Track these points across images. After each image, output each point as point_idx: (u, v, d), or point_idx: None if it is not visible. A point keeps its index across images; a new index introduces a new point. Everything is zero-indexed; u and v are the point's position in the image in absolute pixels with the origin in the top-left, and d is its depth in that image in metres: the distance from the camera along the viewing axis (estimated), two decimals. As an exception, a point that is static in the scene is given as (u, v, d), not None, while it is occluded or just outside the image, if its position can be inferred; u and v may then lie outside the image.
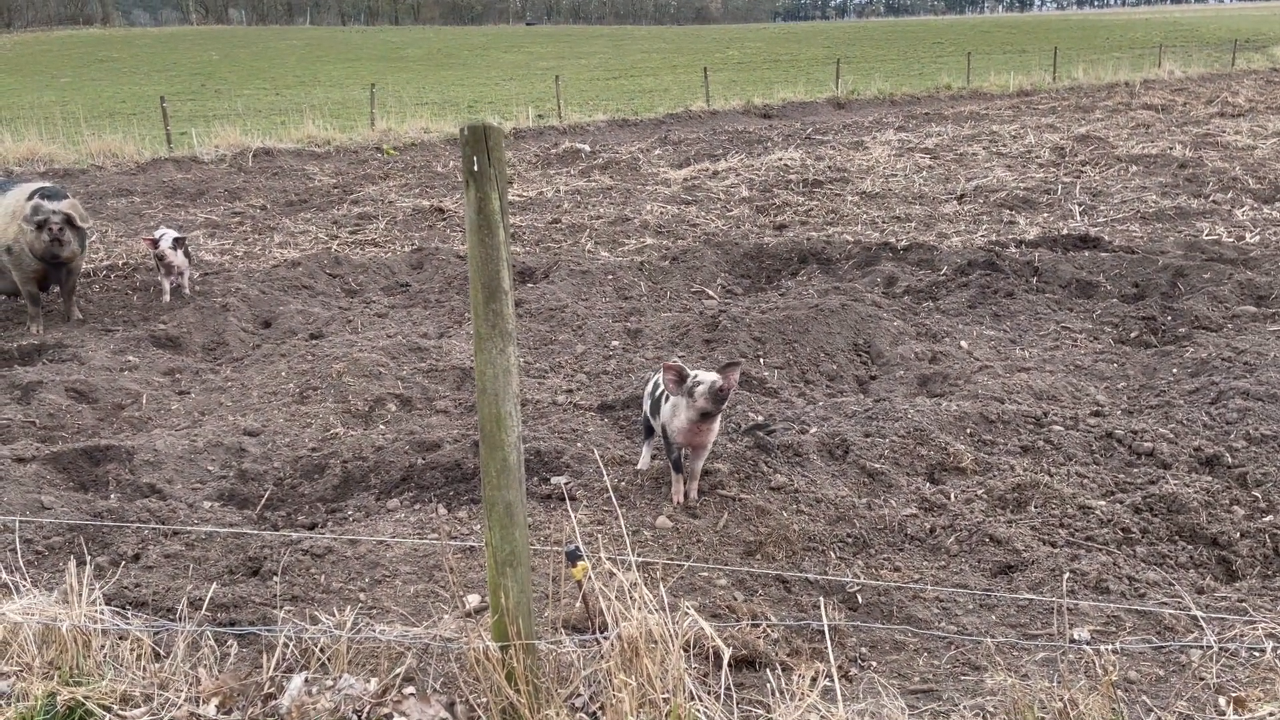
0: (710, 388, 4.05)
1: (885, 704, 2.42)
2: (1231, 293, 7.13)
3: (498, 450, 2.27)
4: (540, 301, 7.75)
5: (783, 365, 6.46)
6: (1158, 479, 4.50)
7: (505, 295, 2.23)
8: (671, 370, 4.10)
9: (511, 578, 2.31)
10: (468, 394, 6.04)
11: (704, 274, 8.68)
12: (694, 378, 4.10)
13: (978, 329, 6.96)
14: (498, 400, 2.27)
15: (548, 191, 13.25)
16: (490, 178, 2.21)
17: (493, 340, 2.24)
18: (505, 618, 2.29)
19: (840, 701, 2.42)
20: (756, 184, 12.93)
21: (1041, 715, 2.28)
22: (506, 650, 2.29)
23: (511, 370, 2.27)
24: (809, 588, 3.90)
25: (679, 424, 4.17)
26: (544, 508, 4.39)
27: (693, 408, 4.08)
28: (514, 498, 2.30)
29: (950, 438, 4.93)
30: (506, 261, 2.25)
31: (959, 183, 12.24)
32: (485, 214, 2.22)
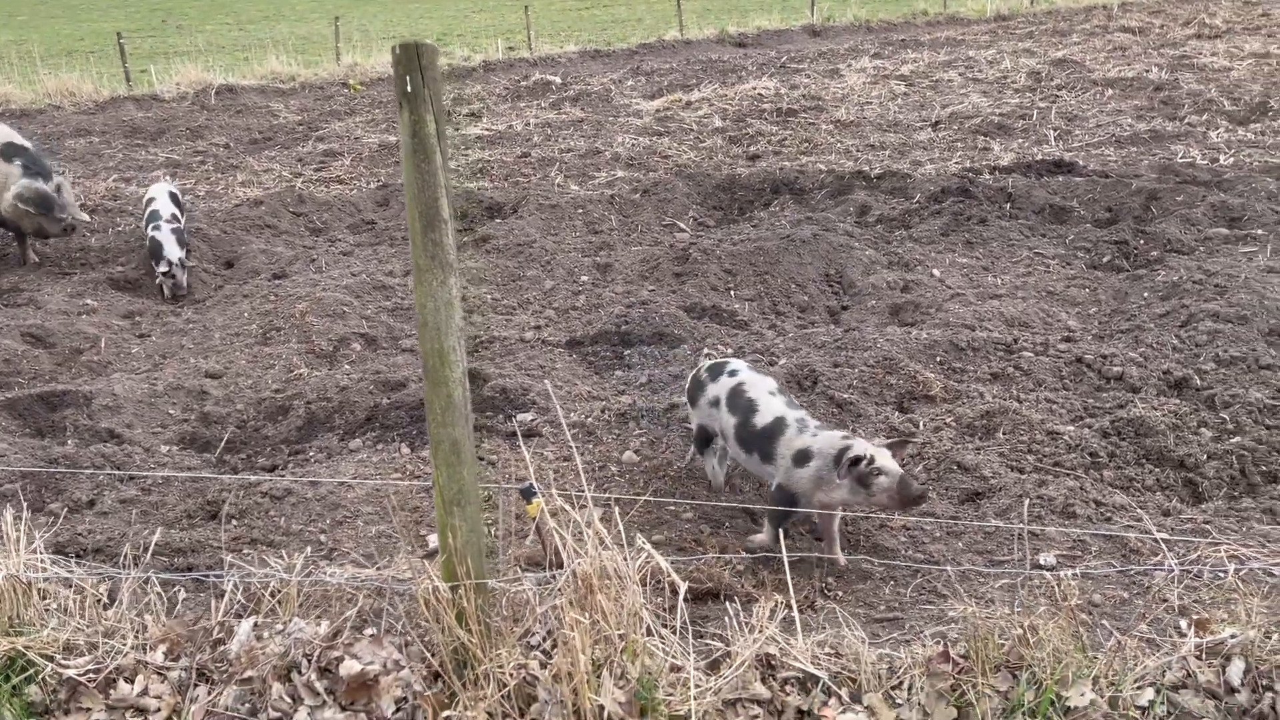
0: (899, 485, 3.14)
1: (845, 634, 2.40)
2: (1204, 215, 7.07)
3: (441, 386, 2.20)
4: (508, 237, 7.61)
5: (754, 297, 6.38)
6: (1126, 403, 4.49)
7: (444, 224, 2.13)
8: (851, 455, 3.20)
9: (460, 517, 2.25)
10: (434, 332, 5.95)
11: (675, 206, 8.54)
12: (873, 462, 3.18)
13: (950, 257, 6.89)
14: (440, 334, 2.18)
15: (517, 125, 12.98)
16: (425, 99, 2.09)
17: (432, 272, 2.15)
18: (454, 557, 2.24)
19: (799, 632, 2.39)
20: (730, 114, 12.70)
21: (1002, 642, 2.27)
22: (456, 590, 2.24)
23: (454, 303, 2.19)
24: (776, 519, 3.88)
25: (831, 498, 3.32)
26: (510, 445, 4.33)
27: (863, 496, 3.23)
28: (460, 435, 2.23)
29: (920, 366, 4.89)
30: (445, 188, 2.15)
31: (934, 110, 12.07)
32: (420, 138, 2.11)
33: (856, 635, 2.39)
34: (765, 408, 3.54)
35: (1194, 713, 2.15)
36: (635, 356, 5.42)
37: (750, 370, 3.76)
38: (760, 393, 3.61)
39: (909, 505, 3.24)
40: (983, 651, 2.24)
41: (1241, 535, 3.18)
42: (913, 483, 3.20)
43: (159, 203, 7.51)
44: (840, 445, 3.31)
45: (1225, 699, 2.19)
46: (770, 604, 2.35)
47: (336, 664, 2.28)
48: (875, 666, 2.30)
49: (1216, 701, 2.19)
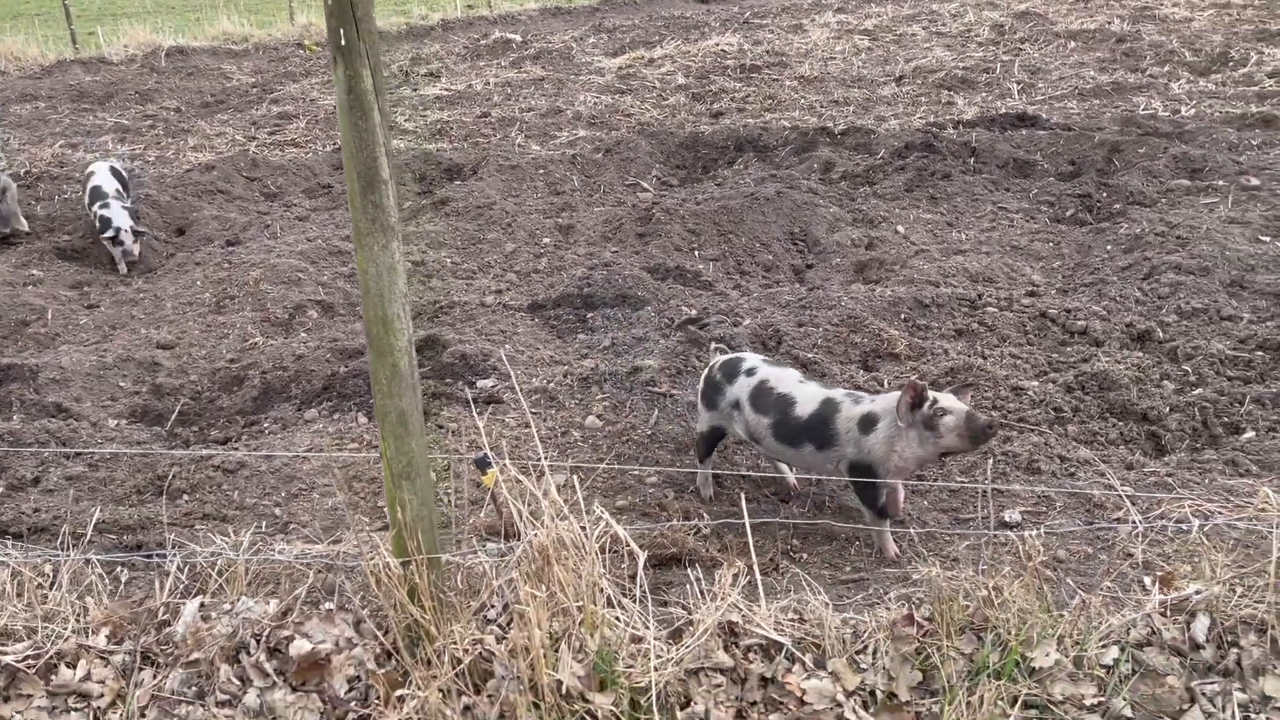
0: (966, 421, 3.07)
1: (809, 599, 2.36)
2: (1166, 167, 7.06)
3: (386, 356, 2.11)
4: (468, 199, 7.46)
5: (718, 257, 6.31)
6: (1090, 357, 4.47)
7: (385, 185, 2.03)
8: (911, 390, 3.11)
9: (409, 490, 2.18)
10: (392, 298, 5.82)
11: (638, 165, 8.41)
12: (936, 402, 3.11)
13: (914, 212, 6.84)
14: (383, 301, 2.09)
15: (477, 84, 12.73)
16: (360, 52, 1.98)
17: (374, 235, 2.06)
18: (404, 532, 2.17)
19: (763, 598, 2.34)
20: (693, 71, 12.53)
21: (966, 604, 2.24)
22: (408, 566, 2.17)
23: (397, 268, 2.09)
24: (742, 481, 3.84)
25: (905, 456, 3.16)
26: (470, 412, 4.25)
27: (932, 442, 3.11)
28: (407, 405, 2.15)
29: (884, 324, 4.84)
30: (385, 147, 2.05)
31: (898, 64, 11.97)
32: (357, 94, 2.00)
33: (820, 600, 2.35)
34: (803, 396, 3.37)
35: (1159, 670, 2.14)
36: (598, 319, 5.34)
37: (769, 365, 3.55)
38: (790, 385, 3.42)
39: (980, 440, 3.10)
40: (947, 614, 2.21)
41: (1205, 489, 3.17)
42: (979, 415, 3.10)
43: (99, 178, 7.16)
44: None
45: (1190, 655, 2.18)
46: (733, 570, 2.30)
47: (286, 644, 2.21)
48: (839, 631, 2.27)
49: (1181, 658, 2.17)
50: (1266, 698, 2.08)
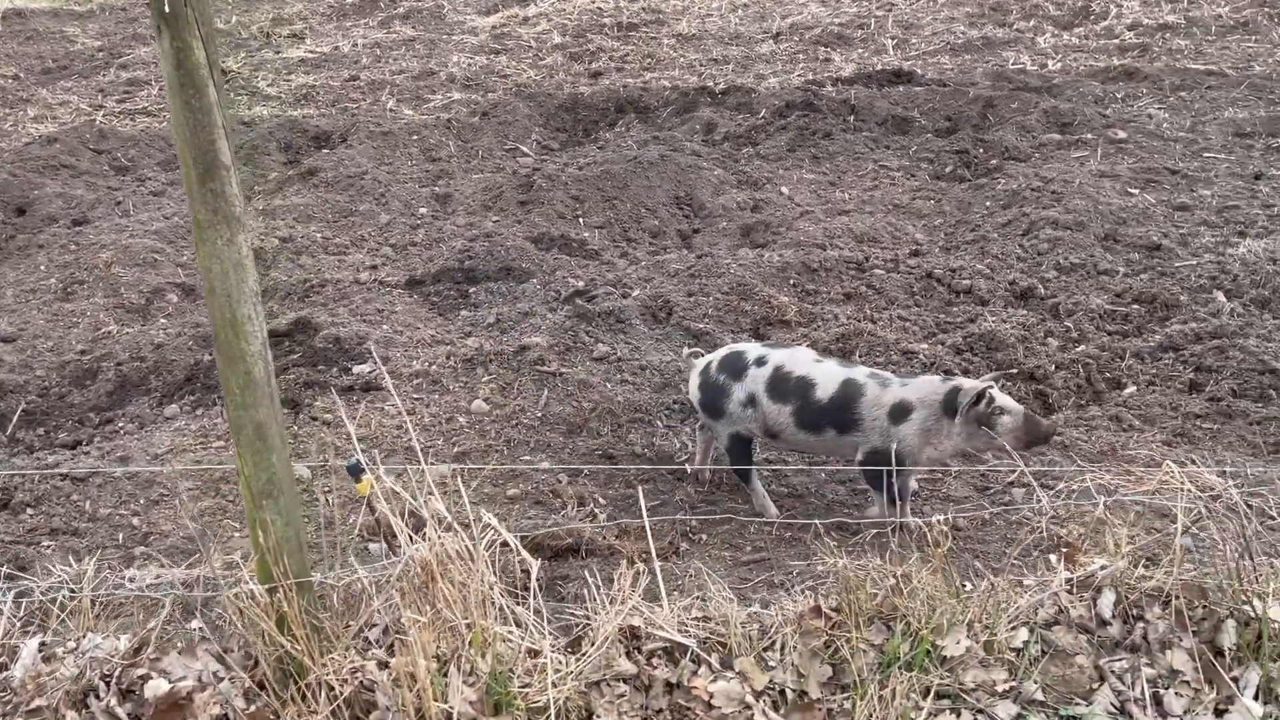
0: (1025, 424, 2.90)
1: (713, 594, 2.25)
2: (1038, 121, 7.18)
3: (238, 363, 1.89)
4: (337, 169, 7.07)
5: (603, 224, 6.13)
6: (976, 316, 4.50)
7: (225, 171, 1.80)
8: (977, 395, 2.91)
9: (272, 510, 1.97)
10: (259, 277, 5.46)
11: (517, 129, 8.13)
12: (993, 401, 2.93)
13: (798, 173, 6.79)
14: (231, 302, 1.87)
15: (344, 46, 12.14)
16: (189, 20, 1.74)
17: (216, 228, 1.82)
18: (269, 556, 1.96)
19: (665, 598, 2.23)
20: (569, 29, 12.21)
21: (874, 592, 2.17)
22: (274, 592, 1.97)
23: (245, 264, 1.87)
24: (637, 461, 3.72)
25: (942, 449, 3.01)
26: (346, 401, 4.00)
27: (983, 440, 2.95)
28: (265, 417, 1.94)
29: (774, 290, 4.77)
30: (223, 127, 1.81)
31: (774, 20, 11.91)
32: (187, 69, 1.76)
33: (725, 595, 2.25)
34: (822, 377, 3.16)
35: (1068, 650, 2.12)
36: (481, 294, 5.11)
37: (777, 349, 3.33)
38: (806, 366, 3.20)
39: (1037, 444, 2.96)
40: (855, 604, 2.14)
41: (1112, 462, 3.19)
42: (1040, 419, 2.95)
43: None
44: (946, 388, 3.03)
45: (1098, 632, 2.17)
46: (633, 571, 2.18)
47: (142, 684, 1.99)
48: (746, 628, 2.17)
49: (1089, 635, 2.16)
50: (1174, 671, 2.09)
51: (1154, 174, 6.00)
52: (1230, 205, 5.50)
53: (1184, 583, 2.17)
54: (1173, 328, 4.22)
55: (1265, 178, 5.90)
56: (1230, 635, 2.13)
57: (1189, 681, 2.07)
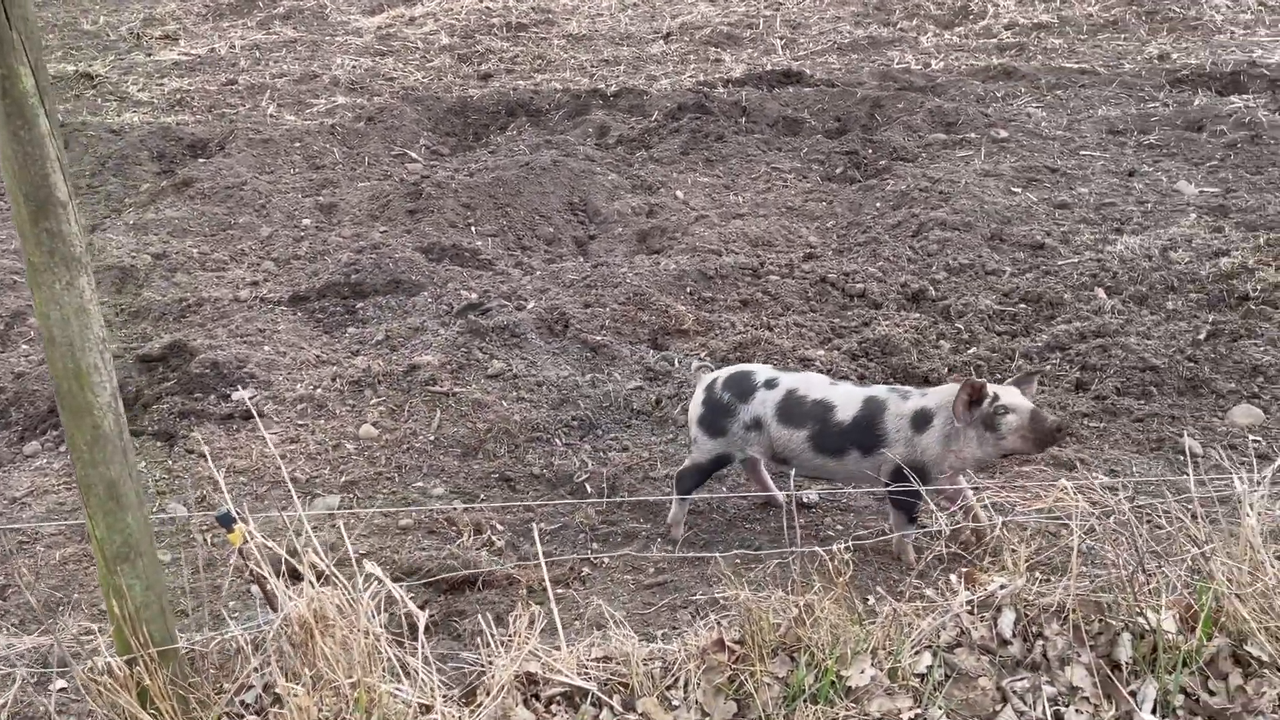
0: (1030, 421, 2.83)
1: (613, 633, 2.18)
2: (924, 121, 7.31)
3: (84, 416, 1.73)
4: (214, 180, 6.76)
5: (496, 232, 5.99)
6: (871, 320, 4.53)
7: (63, 209, 1.64)
8: (969, 388, 2.86)
9: (129, 575, 1.81)
10: (130, 298, 5.17)
11: (405, 134, 7.91)
12: (996, 400, 2.87)
13: (692, 176, 6.77)
14: (74, 351, 1.70)
15: (221, 48, 11.67)
16: (14, 45, 1.57)
17: (53, 271, 1.66)
18: (126, 626, 1.81)
19: (563, 640, 2.14)
20: (457, 30, 11.98)
21: (777, 623, 2.13)
22: (135, 664, 1.82)
23: (89, 309, 1.70)
24: (535, 482, 3.62)
25: (963, 457, 2.92)
26: (225, 430, 3.80)
27: (992, 443, 2.87)
28: (118, 474, 1.78)
29: (671, 299, 4.72)
30: (60, 161, 1.65)
31: (664, 20, 11.90)
32: (14, 98, 1.59)
33: (625, 633, 2.17)
34: (841, 399, 3.07)
35: (971, 672, 2.11)
36: (369, 309, 4.93)
37: (786, 372, 3.22)
38: (821, 389, 3.11)
39: (1047, 443, 2.87)
40: (758, 636, 2.09)
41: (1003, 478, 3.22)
42: (1046, 415, 2.87)
43: None
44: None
45: (999, 652, 2.16)
46: (528, 611, 2.08)
47: (-9, 771, 1.81)
48: (648, 665, 2.10)
49: (991, 656, 2.15)
50: (1074, 688, 2.09)
51: (1035, 172, 6.15)
52: (1107, 202, 5.67)
53: (1080, 598, 2.19)
54: (1058, 327, 4.32)
55: (1138, 174, 6.11)
56: (1126, 649, 2.16)
57: (1088, 698, 2.09)
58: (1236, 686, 2.09)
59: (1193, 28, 9.79)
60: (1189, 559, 2.23)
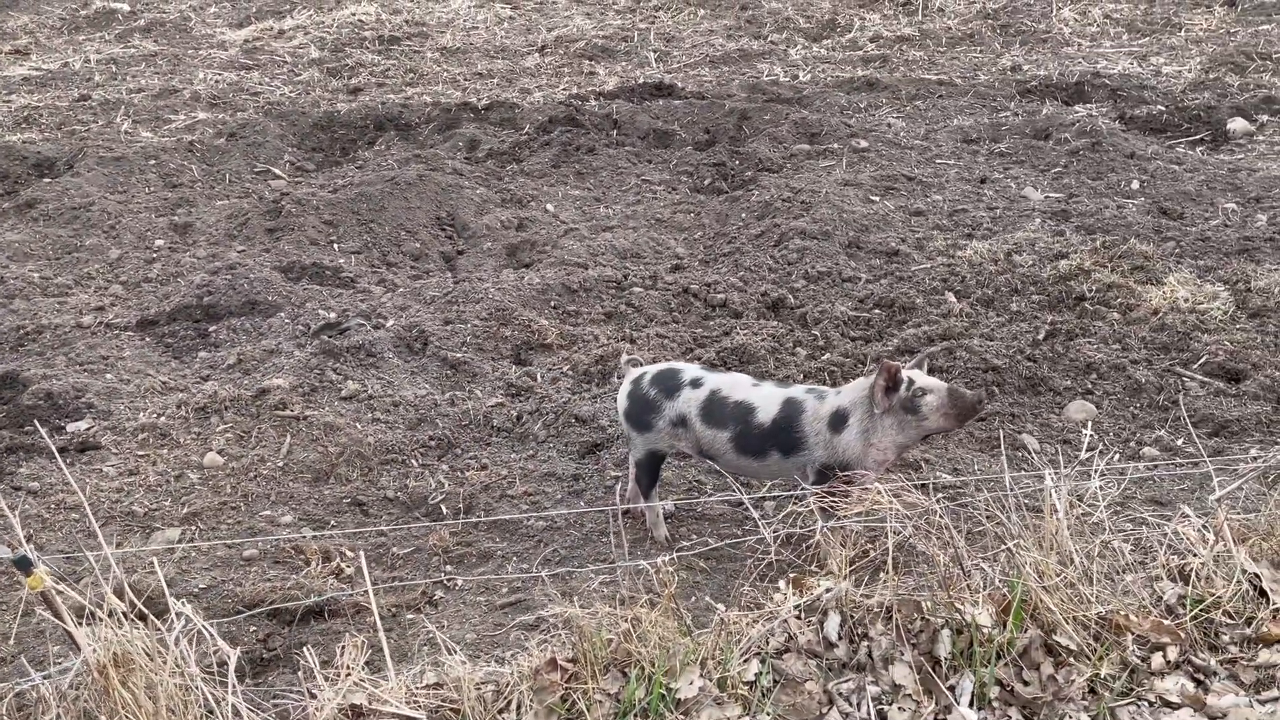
0: (950, 399, 2.86)
1: (445, 659, 2.14)
2: (789, 133, 7.46)
3: None
4: (61, 200, 6.45)
5: (360, 249, 5.87)
6: (731, 329, 4.58)
7: None
8: (886, 373, 2.88)
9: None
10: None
11: (268, 151, 7.69)
12: (913, 384, 2.90)
13: (563, 189, 6.76)
14: None
15: (75, 62, 11.18)
16: None
17: None
18: (-101, 685, 1.69)
19: (391, 669, 2.09)
20: (328, 43, 11.73)
21: (609, 638, 2.12)
22: (-88, 725, 1.70)
23: None
24: (389, 506, 3.55)
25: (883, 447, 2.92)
26: (57, 465, 3.60)
27: (914, 426, 2.90)
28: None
29: (534, 314, 4.70)
30: None
31: (540, 33, 11.89)
32: None
33: (458, 659, 2.13)
34: (762, 401, 3.06)
35: (798, 677, 2.14)
36: (223, 333, 4.77)
37: (712, 372, 3.22)
38: (744, 390, 3.10)
39: (968, 416, 2.88)
40: (590, 653, 2.08)
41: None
42: (964, 390, 2.87)
43: None
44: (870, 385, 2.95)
45: (826, 655, 2.20)
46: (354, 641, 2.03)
47: None
48: (481, 690, 2.07)
49: (818, 659, 2.19)
50: (896, 686, 2.15)
51: (893, 181, 6.34)
52: (959, 209, 5.88)
53: (902, 597, 2.25)
54: (908, 331, 4.45)
55: (989, 181, 6.36)
56: (946, 645, 2.22)
57: (910, 695, 2.14)
58: (1048, 676, 2.18)
59: (1043, 40, 10.27)
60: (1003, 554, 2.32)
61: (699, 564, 2.96)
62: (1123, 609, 2.29)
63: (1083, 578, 2.25)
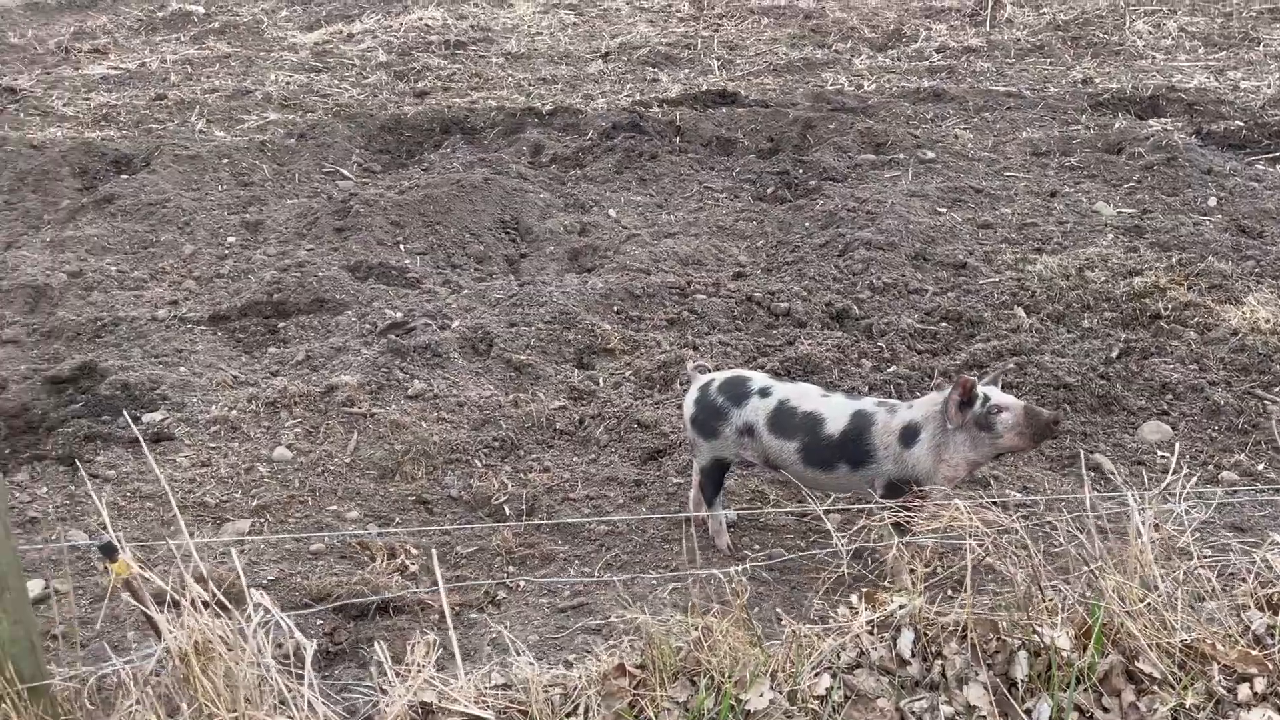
0: (1025, 418, 2.81)
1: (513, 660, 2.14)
2: (854, 142, 7.41)
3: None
4: (138, 196, 6.61)
5: (426, 250, 5.94)
6: (795, 339, 4.55)
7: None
8: (961, 388, 2.83)
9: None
10: (43, 317, 5.02)
11: (336, 151, 7.82)
12: (988, 400, 2.84)
13: (625, 195, 6.78)
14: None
15: (152, 63, 11.46)
16: None
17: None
18: (-8, 665, 1.74)
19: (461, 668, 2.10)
20: (395, 47, 11.90)
21: (679, 646, 2.11)
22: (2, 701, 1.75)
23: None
24: (453, 505, 3.58)
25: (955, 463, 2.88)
26: (134, 454, 3.69)
27: (989, 444, 2.85)
28: (-16, 506, 1.71)
29: (597, 318, 4.71)
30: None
31: (604, 40, 11.94)
32: None
33: (526, 660, 2.14)
34: (831, 412, 3.03)
35: (869, 693, 2.11)
36: (291, 329, 4.85)
37: (782, 382, 3.23)
38: (813, 401, 3.07)
39: (1044, 437, 2.85)
40: (659, 660, 2.07)
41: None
42: (1040, 410, 2.81)
43: None
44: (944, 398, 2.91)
45: (898, 672, 2.17)
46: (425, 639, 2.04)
47: None
48: (548, 692, 2.08)
49: (890, 676, 2.16)
50: (971, 707, 2.11)
51: (960, 193, 6.26)
52: (1029, 222, 5.78)
53: (978, 617, 2.21)
54: (976, 345, 4.38)
55: (1059, 195, 6.24)
56: (1023, 667, 2.18)
57: (985, 717, 2.10)
58: (1129, 704, 2.12)
59: (1115, 53, 10.06)
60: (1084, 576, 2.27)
61: (762, 574, 2.94)
62: (1208, 637, 2.23)
63: (1167, 604, 2.19)
